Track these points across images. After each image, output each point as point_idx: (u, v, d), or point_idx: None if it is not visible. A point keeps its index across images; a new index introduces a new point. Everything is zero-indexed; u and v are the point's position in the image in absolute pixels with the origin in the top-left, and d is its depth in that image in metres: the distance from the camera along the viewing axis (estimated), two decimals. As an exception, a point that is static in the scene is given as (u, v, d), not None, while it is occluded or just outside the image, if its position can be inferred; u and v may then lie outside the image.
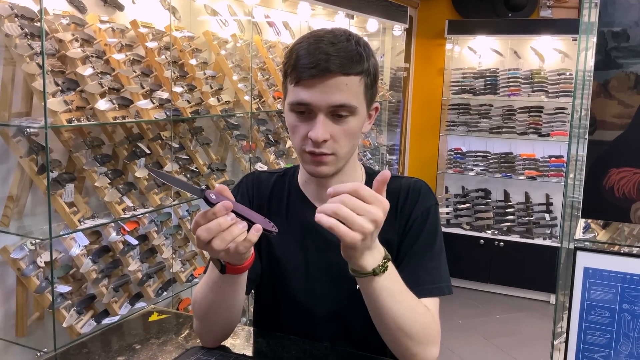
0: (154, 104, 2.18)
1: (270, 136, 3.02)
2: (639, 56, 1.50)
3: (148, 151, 2.28)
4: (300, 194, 1.20)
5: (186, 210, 2.53)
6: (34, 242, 1.88)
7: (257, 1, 2.83)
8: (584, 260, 1.54)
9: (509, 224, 4.84)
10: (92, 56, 1.98)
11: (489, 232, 4.82)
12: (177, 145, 2.45)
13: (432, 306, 1.08)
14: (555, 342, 1.71)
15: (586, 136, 1.59)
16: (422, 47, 5.29)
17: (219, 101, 2.57)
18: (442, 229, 1.19)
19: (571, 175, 1.69)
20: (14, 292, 1.93)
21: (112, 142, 2.19)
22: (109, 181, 2.07)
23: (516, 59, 4.89)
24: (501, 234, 4.79)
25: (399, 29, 4.57)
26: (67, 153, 2.03)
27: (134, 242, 2.19)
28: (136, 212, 2.16)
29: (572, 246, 1.60)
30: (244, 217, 0.91)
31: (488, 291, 4.79)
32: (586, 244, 1.61)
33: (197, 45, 2.57)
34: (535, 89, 4.74)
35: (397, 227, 1.14)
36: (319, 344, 1.17)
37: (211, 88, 2.54)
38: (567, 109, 4.68)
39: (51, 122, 1.78)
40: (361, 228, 0.85)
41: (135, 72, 2.14)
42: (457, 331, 4.03)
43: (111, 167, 2.12)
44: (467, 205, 5.03)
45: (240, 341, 1.21)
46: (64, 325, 1.89)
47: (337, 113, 1.03)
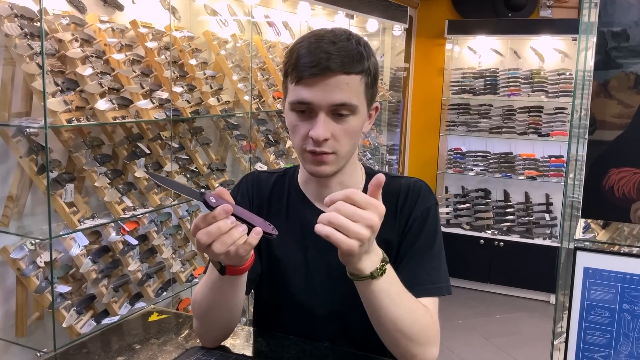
0: (153, 104, 2.18)
1: (270, 136, 3.02)
2: (638, 56, 1.50)
3: (148, 151, 2.28)
4: (300, 194, 1.20)
5: (186, 210, 2.53)
6: (33, 242, 1.88)
7: (257, 1, 2.83)
8: (584, 260, 1.54)
9: (509, 224, 4.84)
10: (91, 56, 1.98)
11: (489, 232, 4.82)
12: (177, 145, 2.45)
13: (431, 306, 1.08)
14: (555, 342, 1.71)
15: (586, 136, 1.59)
16: (422, 47, 5.29)
17: (218, 101, 2.56)
18: (442, 229, 1.19)
19: (571, 175, 1.69)
20: (13, 292, 1.93)
21: (112, 142, 2.19)
22: (108, 181, 2.07)
23: (516, 59, 4.89)
24: (501, 234, 4.79)
25: (398, 28, 4.57)
26: (67, 153, 2.03)
27: (134, 242, 2.19)
28: (136, 212, 2.17)
29: (572, 246, 1.60)
30: (243, 220, 0.91)
31: (488, 291, 4.79)
32: (586, 244, 1.61)
33: (196, 45, 2.57)
34: (535, 89, 4.74)
35: (396, 227, 1.14)
36: (318, 344, 1.17)
37: (211, 88, 2.54)
38: (567, 109, 4.68)
39: (51, 122, 1.78)
40: (357, 235, 0.85)
41: (135, 72, 2.14)
42: (457, 331, 4.03)
43: (111, 167, 2.12)
44: (467, 205, 5.03)
45: (240, 341, 1.20)
46: (64, 325, 1.89)
47: (337, 112, 1.03)
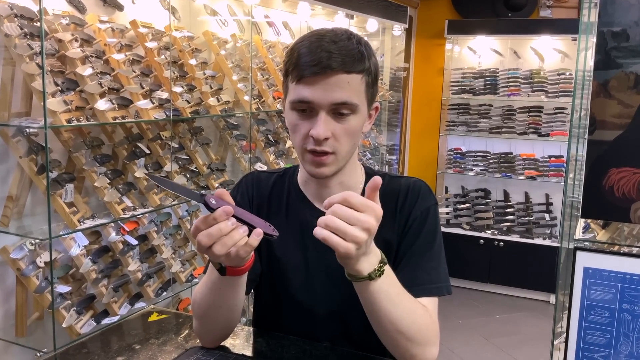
0: (153, 104, 2.18)
1: (270, 136, 3.02)
2: (638, 56, 1.50)
3: (148, 151, 2.28)
4: (300, 194, 1.20)
5: (186, 210, 2.53)
6: (33, 242, 1.88)
7: (256, 1, 2.83)
8: (584, 260, 1.54)
9: (508, 224, 4.84)
10: (91, 56, 1.98)
11: (489, 232, 4.82)
12: (177, 145, 2.45)
13: (430, 306, 1.08)
14: (555, 342, 1.71)
15: (586, 136, 1.59)
16: (422, 47, 5.29)
17: (218, 101, 2.56)
18: (442, 229, 1.19)
19: (571, 175, 1.69)
20: (13, 292, 1.93)
21: (111, 142, 2.19)
22: (108, 181, 2.07)
23: (516, 59, 4.89)
24: (501, 234, 4.79)
25: (398, 29, 4.57)
26: (67, 153, 2.03)
27: (134, 242, 2.19)
28: (136, 212, 2.16)
29: (571, 246, 1.60)
30: (244, 221, 0.91)
31: (488, 291, 4.79)
32: (586, 243, 1.61)
33: (196, 45, 2.57)
34: (535, 88, 4.74)
35: (396, 227, 1.14)
36: (318, 344, 1.17)
37: (211, 88, 2.54)
38: (566, 108, 4.68)
39: (51, 122, 1.78)
40: (354, 238, 0.85)
41: (134, 72, 2.14)
42: (457, 331, 4.03)
43: (111, 167, 2.12)
44: (467, 205, 5.03)
45: (240, 341, 1.20)
46: (64, 325, 1.89)
47: (338, 111, 1.03)
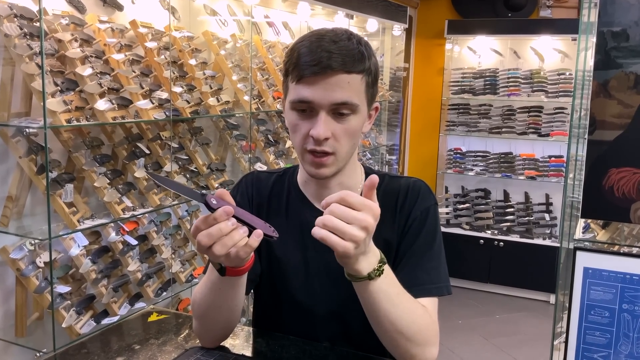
0: (153, 104, 2.18)
1: (269, 136, 3.02)
2: (638, 56, 1.50)
3: (147, 151, 2.28)
4: (300, 194, 1.20)
5: (186, 211, 2.53)
6: (33, 242, 1.87)
7: (256, 1, 2.83)
8: (584, 260, 1.54)
9: (508, 224, 4.84)
10: (91, 56, 1.98)
11: (489, 232, 4.82)
12: (177, 146, 2.45)
13: (430, 306, 1.08)
14: (555, 342, 1.71)
15: (586, 136, 1.59)
16: (422, 47, 5.29)
17: (218, 101, 2.56)
18: (441, 229, 1.19)
19: (571, 175, 1.69)
20: (13, 293, 1.93)
21: (111, 142, 2.19)
22: (108, 181, 2.07)
23: (516, 59, 4.89)
24: (501, 234, 4.79)
25: (398, 29, 4.57)
26: (67, 153, 2.03)
27: (134, 242, 2.19)
28: (136, 212, 2.16)
29: (571, 246, 1.60)
30: (244, 222, 0.91)
31: (488, 291, 4.79)
32: (586, 244, 1.61)
33: (196, 45, 2.57)
34: (534, 88, 4.74)
35: (396, 227, 1.14)
36: (318, 344, 1.17)
37: (211, 88, 2.54)
38: (566, 108, 4.68)
39: (50, 122, 1.78)
40: (352, 237, 0.85)
41: (134, 72, 2.14)
42: (457, 331, 4.03)
43: (110, 167, 2.12)
44: (467, 205, 5.03)
45: (240, 341, 1.20)
46: (64, 325, 1.89)
47: (338, 111, 1.03)
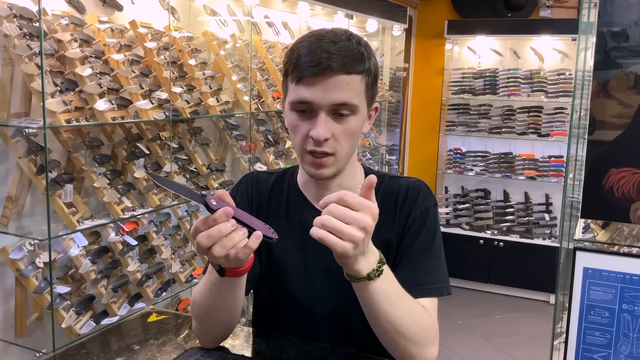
0: (153, 104, 2.18)
1: (269, 136, 3.02)
2: (638, 56, 1.50)
3: (147, 151, 2.28)
4: (300, 194, 1.20)
5: (185, 211, 2.53)
6: (32, 242, 1.87)
7: (256, 1, 2.83)
8: (584, 261, 1.54)
9: (508, 224, 4.84)
10: (91, 56, 1.98)
11: (489, 232, 4.82)
12: (176, 146, 2.45)
13: (430, 306, 1.08)
14: (555, 342, 1.71)
15: (586, 136, 1.59)
16: (422, 47, 5.29)
17: (218, 101, 2.56)
18: (441, 229, 1.19)
19: (571, 175, 1.69)
20: (12, 293, 1.93)
21: (111, 143, 2.19)
22: (108, 181, 2.06)
23: (516, 59, 4.89)
24: (501, 234, 4.79)
25: (398, 29, 4.57)
26: (66, 153, 2.03)
27: (133, 242, 2.19)
28: (135, 213, 2.16)
29: (571, 246, 1.60)
30: (244, 223, 0.91)
31: (488, 291, 4.79)
32: (586, 244, 1.61)
33: (196, 45, 2.57)
34: (534, 89, 4.74)
35: (396, 227, 1.14)
36: (318, 344, 1.17)
37: (210, 88, 2.54)
38: (566, 109, 4.68)
39: (50, 122, 1.78)
40: (351, 237, 0.85)
41: (134, 72, 2.14)
42: (457, 331, 4.03)
43: (110, 167, 2.12)
44: (467, 205, 5.03)
45: (240, 342, 1.20)
46: (63, 325, 1.89)
47: (338, 112, 1.03)
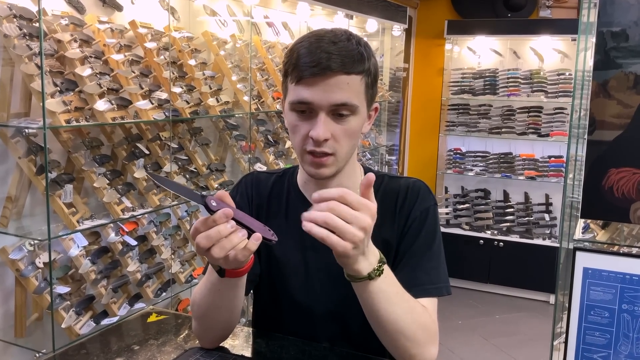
0: (152, 104, 2.18)
1: (269, 136, 3.02)
2: (638, 56, 1.50)
3: (147, 152, 2.28)
4: (300, 195, 1.20)
5: (185, 211, 2.53)
6: (32, 242, 1.87)
7: (256, 1, 2.83)
8: (584, 261, 1.54)
9: (508, 224, 4.84)
10: (90, 57, 1.98)
11: (489, 232, 4.82)
12: (176, 146, 2.45)
13: (430, 306, 1.08)
14: (554, 343, 1.71)
15: (585, 136, 1.59)
16: (422, 47, 5.29)
17: (218, 101, 2.56)
18: (441, 229, 1.19)
19: (570, 176, 1.69)
20: (12, 293, 1.93)
21: (111, 143, 2.19)
22: (107, 182, 2.06)
23: (515, 59, 4.89)
24: (501, 234, 4.79)
25: (398, 29, 4.57)
26: (66, 153, 2.03)
27: (133, 242, 2.19)
28: (135, 213, 2.16)
29: (571, 246, 1.60)
30: (244, 225, 0.91)
31: (488, 291, 4.79)
32: (585, 244, 1.61)
33: (196, 45, 2.57)
34: (534, 89, 4.74)
35: (395, 227, 1.14)
36: (318, 344, 1.17)
37: (210, 88, 2.54)
38: (566, 109, 4.68)
39: (50, 122, 1.78)
40: (352, 237, 0.85)
41: (134, 72, 2.14)
42: (457, 331, 4.03)
43: (110, 167, 2.12)
44: (467, 205, 5.03)
45: (240, 342, 1.20)
46: (63, 326, 1.89)
47: (338, 112, 1.03)
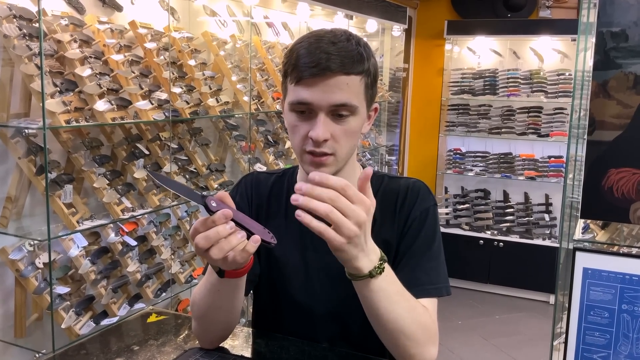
0: (152, 104, 2.18)
1: (269, 137, 3.02)
2: (637, 56, 1.50)
3: (147, 152, 2.28)
4: (299, 195, 1.19)
5: (185, 211, 2.53)
6: (32, 243, 1.87)
7: (256, 2, 2.83)
8: (583, 261, 1.54)
9: (508, 224, 4.84)
10: (90, 57, 1.98)
11: (489, 232, 4.82)
12: (176, 146, 2.45)
13: (430, 307, 1.08)
14: (554, 343, 1.71)
15: (585, 136, 1.59)
16: (422, 47, 5.29)
17: (217, 102, 2.56)
18: (441, 229, 1.19)
19: (570, 176, 1.69)
20: (12, 293, 1.93)
21: (110, 143, 2.19)
22: (107, 182, 2.06)
23: (515, 59, 4.89)
24: (501, 234, 4.79)
25: (398, 29, 4.58)
26: (66, 154, 2.03)
27: (133, 243, 2.19)
28: (135, 213, 2.16)
29: (571, 246, 1.60)
30: (243, 227, 0.91)
31: (487, 291, 4.79)
32: (585, 244, 1.61)
33: (196, 45, 2.57)
34: (534, 89, 4.74)
35: (395, 228, 1.14)
36: (317, 344, 1.17)
37: (210, 89, 2.54)
38: (566, 109, 4.68)
39: (50, 122, 1.78)
40: (348, 232, 0.85)
41: (133, 72, 2.14)
42: (457, 332, 4.03)
43: (110, 167, 2.12)
44: (467, 205, 5.03)
45: (239, 342, 1.20)
46: (63, 326, 1.89)
47: (337, 112, 1.03)
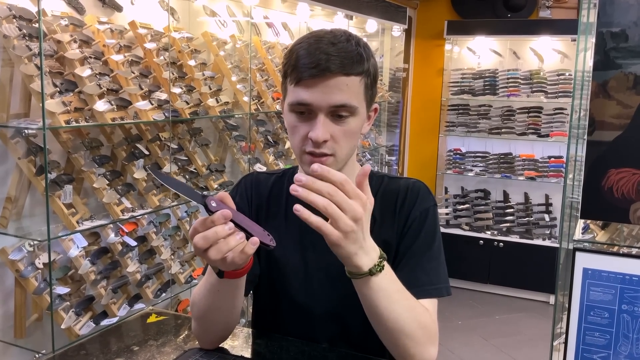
0: (152, 104, 2.18)
1: (269, 137, 3.02)
2: (637, 56, 1.50)
3: (147, 152, 2.28)
4: (299, 195, 1.19)
5: (185, 211, 2.53)
6: (32, 243, 1.87)
7: (256, 2, 2.83)
8: (583, 261, 1.54)
9: (508, 224, 4.84)
10: (90, 57, 1.98)
11: (489, 232, 4.82)
12: (176, 146, 2.45)
13: (430, 307, 1.08)
14: (554, 343, 1.71)
15: (585, 137, 1.59)
16: (421, 47, 5.29)
17: (217, 102, 2.56)
18: (441, 229, 1.19)
19: (570, 176, 1.69)
20: (12, 294, 1.93)
21: (110, 143, 2.19)
22: (107, 182, 2.06)
23: (515, 59, 4.89)
24: (501, 234, 4.79)
25: (398, 29, 4.58)
26: (66, 154, 2.03)
27: (133, 243, 2.19)
28: (135, 213, 2.16)
29: (571, 247, 1.60)
30: (243, 228, 0.91)
31: (487, 292, 4.79)
32: (585, 244, 1.61)
33: (195, 46, 2.57)
34: (534, 89, 4.74)
35: (395, 228, 1.14)
36: (317, 345, 1.17)
37: (210, 89, 2.54)
38: (566, 109, 4.68)
39: (49, 123, 1.78)
40: (344, 227, 0.85)
41: (133, 73, 2.14)
42: (457, 332, 4.02)
43: (110, 168, 2.12)
44: (467, 205, 5.03)
45: (239, 342, 1.20)
46: (63, 326, 1.89)
47: (337, 113, 1.03)
